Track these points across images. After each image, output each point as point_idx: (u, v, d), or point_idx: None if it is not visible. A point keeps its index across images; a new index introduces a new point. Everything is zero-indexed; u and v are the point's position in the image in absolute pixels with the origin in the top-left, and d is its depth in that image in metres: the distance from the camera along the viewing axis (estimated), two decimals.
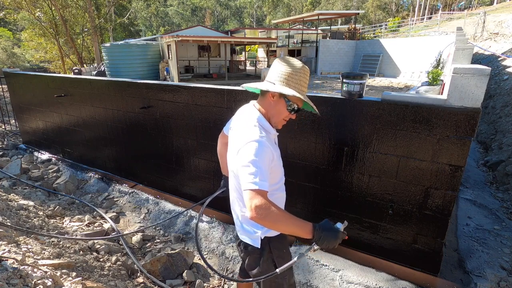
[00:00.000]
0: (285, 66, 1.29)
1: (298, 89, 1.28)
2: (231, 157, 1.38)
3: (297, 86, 1.28)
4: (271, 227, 1.17)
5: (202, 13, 64.08)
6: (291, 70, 1.28)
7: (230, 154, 1.41)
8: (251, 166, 1.11)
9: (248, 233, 1.43)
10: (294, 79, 1.28)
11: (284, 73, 1.28)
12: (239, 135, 1.28)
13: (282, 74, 1.28)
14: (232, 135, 1.40)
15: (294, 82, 1.28)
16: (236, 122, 1.41)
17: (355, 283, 2.33)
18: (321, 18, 24.09)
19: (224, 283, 2.53)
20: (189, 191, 3.50)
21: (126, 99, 3.64)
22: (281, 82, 1.28)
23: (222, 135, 1.72)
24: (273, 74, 1.31)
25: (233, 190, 1.47)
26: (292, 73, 1.28)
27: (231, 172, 1.44)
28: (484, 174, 4.64)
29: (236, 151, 1.24)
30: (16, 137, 6.68)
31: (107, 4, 23.81)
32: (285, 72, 1.28)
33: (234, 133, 1.36)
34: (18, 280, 1.56)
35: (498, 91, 7.84)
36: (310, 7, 49.64)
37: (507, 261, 2.53)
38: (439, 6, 42.91)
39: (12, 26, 34.43)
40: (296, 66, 1.29)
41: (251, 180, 1.09)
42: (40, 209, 3.32)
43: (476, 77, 1.82)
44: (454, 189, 2.04)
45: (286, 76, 1.28)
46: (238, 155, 1.19)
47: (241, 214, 1.44)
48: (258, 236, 1.39)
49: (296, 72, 1.28)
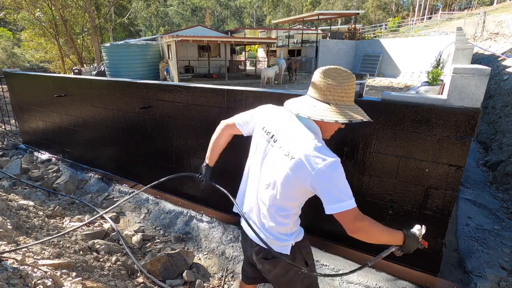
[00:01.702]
0: (337, 82, 1.17)
1: (352, 102, 1.21)
2: (272, 169, 1.27)
3: (351, 100, 1.20)
4: (371, 240, 1.18)
5: (202, 13, 64.09)
6: (345, 85, 1.17)
7: (270, 166, 1.29)
8: (340, 187, 1.11)
9: (279, 241, 1.36)
10: (349, 95, 1.18)
11: (339, 92, 1.17)
12: (301, 152, 1.15)
13: (336, 93, 1.17)
14: (277, 145, 1.27)
15: (349, 98, 1.19)
16: (285, 132, 1.26)
17: (355, 283, 2.33)
18: (321, 18, 24.09)
19: (224, 283, 2.53)
20: (189, 191, 3.50)
21: (126, 99, 3.64)
22: (337, 103, 1.17)
23: (230, 126, 1.57)
24: (324, 91, 1.18)
25: (254, 198, 1.40)
26: (346, 89, 1.18)
27: (262, 184, 1.33)
28: (484, 174, 4.64)
29: (297, 167, 1.15)
30: (16, 137, 6.68)
31: (107, 4, 23.82)
32: (340, 91, 1.17)
33: (285, 144, 1.23)
34: (18, 280, 1.56)
35: (498, 91, 7.84)
36: (310, 7, 49.64)
37: (507, 261, 2.53)
38: (439, 6, 42.92)
39: (12, 26, 34.42)
40: (347, 79, 1.18)
41: (346, 201, 1.09)
42: (40, 209, 3.32)
43: (476, 77, 1.82)
44: (454, 189, 2.04)
45: (342, 94, 1.17)
46: (317, 172, 1.10)
47: (270, 225, 1.34)
48: (290, 243, 1.37)
49: (350, 86, 1.18)
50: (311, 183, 1.14)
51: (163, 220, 3.35)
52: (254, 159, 1.42)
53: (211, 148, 1.66)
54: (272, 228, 1.35)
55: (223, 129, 1.61)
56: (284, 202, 1.28)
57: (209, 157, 1.67)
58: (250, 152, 1.48)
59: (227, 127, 1.60)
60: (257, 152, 1.39)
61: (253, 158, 1.44)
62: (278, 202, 1.29)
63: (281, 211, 1.31)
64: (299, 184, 1.19)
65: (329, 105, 1.18)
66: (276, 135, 1.29)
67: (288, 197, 1.26)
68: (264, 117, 1.41)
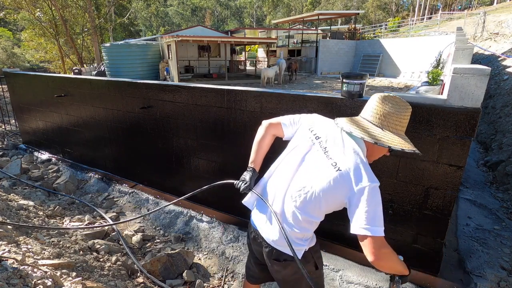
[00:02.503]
0: (394, 109, 1.21)
1: (403, 133, 1.24)
2: (312, 174, 1.26)
3: (403, 130, 1.24)
4: (388, 268, 1.23)
5: (202, 13, 64.08)
6: (401, 114, 1.21)
7: (311, 170, 1.27)
8: (377, 212, 1.11)
9: (294, 245, 1.33)
10: (403, 125, 1.22)
11: (395, 120, 1.21)
12: (349, 166, 1.17)
13: (392, 120, 1.21)
14: (324, 152, 1.26)
15: (402, 128, 1.22)
16: (334, 143, 1.26)
17: (355, 283, 2.33)
18: (321, 18, 24.08)
19: (224, 283, 2.53)
20: (189, 191, 3.48)
21: (126, 99, 3.64)
22: (390, 130, 1.21)
23: (275, 126, 1.49)
24: (380, 117, 1.21)
25: (280, 198, 1.35)
26: (401, 119, 1.21)
27: (296, 185, 1.30)
28: (484, 174, 4.64)
29: (342, 179, 1.16)
30: (16, 137, 6.68)
31: (107, 4, 23.82)
32: (395, 119, 1.21)
33: (333, 154, 1.23)
34: (18, 280, 1.56)
35: (498, 91, 7.84)
36: (310, 7, 49.63)
37: (507, 261, 2.53)
38: (439, 6, 42.93)
39: (12, 26, 34.43)
40: (404, 109, 1.22)
41: (378, 227, 1.10)
42: (40, 209, 3.32)
43: (476, 77, 1.82)
44: (454, 189, 2.04)
45: (396, 123, 1.21)
46: (359, 190, 1.12)
47: (291, 229, 1.32)
48: (304, 248, 1.37)
49: (406, 116, 1.22)
50: (350, 198, 1.15)
51: (163, 220, 3.35)
52: (290, 157, 1.37)
53: (256, 150, 1.51)
54: (292, 232, 1.33)
55: (268, 128, 1.51)
56: (315, 210, 1.27)
57: (254, 160, 1.51)
58: (286, 150, 1.43)
59: (271, 126, 1.51)
60: (297, 151, 1.35)
61: (289, 156, 1.39)
62: (309, 208, 1.27)
63: (308, 217, 1.29)
64: (338, 196, 1.20)
65: (382, 130, 1.20)
66: (324, 141, 1.29)
67: (320, 206, 1.25)
68: (313, 121, 1.41)
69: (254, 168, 1.50)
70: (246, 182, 1.45)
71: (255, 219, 1.48)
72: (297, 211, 1.29)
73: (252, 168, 1.49)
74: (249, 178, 1.46)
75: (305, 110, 2.45)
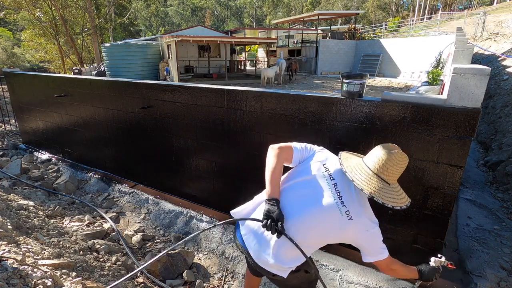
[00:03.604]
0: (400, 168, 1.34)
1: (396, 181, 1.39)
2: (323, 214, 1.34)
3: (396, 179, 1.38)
4: (398, 277, 1.60)
5: (202, 13, 64.06)
6: (402, 169, 1.36)
7: (322, 208, 1.33)
8: (381, 243, 1.38)
9: (286, 265, 1.41)
10: (398, 177, 1.37)
11: (396, 175, 1.35)
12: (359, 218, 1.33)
13: (394, 176, 1.34)
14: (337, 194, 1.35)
15: (396, 178, 1.37)
16: (346, 188, 1.36)
17: (355, 283, 2.33)
18: (321, 18, 24.08)
19: (224, 283, 2.53)
20: (189, 191, 3.50)
21: (126, 99, 3.64)
22: (390, 183, 1.35)
23: (285, 150, 1.47)
24: (389, 173, 1.33)
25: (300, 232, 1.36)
26: (400, 172, 1.35)
27: (305, 218, 1.35)
28: (484, 174, 4.63)
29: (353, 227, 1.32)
30: (16, 137, 6.68)
31: (107, 4, 23.82)
32: (398, 174, 1.35)
33: (346, 201, 1.34)
34: (18, 280, 1.56)
35: (498, 91, 7.84)
36: (310, 7, 49.62)
37: (507, 261, 2.53)
38: (439, 6, 42.92)
39: (12, 26, 34.40)
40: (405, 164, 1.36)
41: (384, 253, 1.39)
42: (40, 209, 3.32)
43: (476, 77, 1.82)
44: (454, 189, 2.04)
45: (396, 175, 1.35)
46: (369, 234, 1.34)
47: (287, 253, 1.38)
48: (295, 266, 1.44)
49: (403, 170, 1.36)
50: (358, 241, 1.37)
51: (163, 220, 3.35)
52: (303, 187, 1.40)
53: (272, 179, 1.39)
54: (287, 255, 1.38)
55: (279, 154, 1.44)
56: (317, 244, 1.42)
57: (273, 191, 1.38)
58: (295, 176, 1.47)
59: (282, 151, 1.46)
60: (311, 185, 1.39)
61: (300, 185, 1.41)
62: (312, 241, 1.39)
63: (308, 247, 1.38)
64: (343, 237, 1.37)
65: (390, 185, 1.33)
66: (338, 184, 1.37)
67: (323, 241, 1.42)
68: (326, 157, 1.48)
69: (276, 198, 1.38)
70: (274, 216, 1.31)
71: (248, 239, 1.47)
72: (301, 240, 1.34)
73: (276, 199, 1.36)
74: (278, 211, 1.32)
75: (305, 110, 2.45)
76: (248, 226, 1.49)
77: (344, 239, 1.37)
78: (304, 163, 1.48)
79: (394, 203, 1.29)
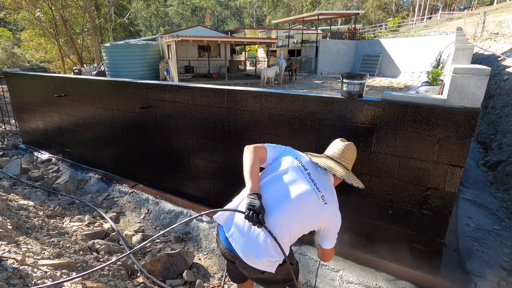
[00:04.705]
0: (354, 156, 1.70)
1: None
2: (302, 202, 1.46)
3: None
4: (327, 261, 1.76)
5: (202, 13, 64.06)
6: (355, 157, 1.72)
7: (300, 197, 1.46)
8: (337, 233, 1.56)
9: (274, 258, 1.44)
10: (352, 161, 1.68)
11: (352, 162, 1.69)
12: (331, 204, 1.50)
13: (351, 162, 1.68)
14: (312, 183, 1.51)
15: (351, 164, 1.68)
16: (318, 177, 1.55)
17: (355, 283, 2.33)
18: (321, 18, 24.07)
19: (224, 283, 2.53)
20: (189, 191, 3.50)
21: (126, 99, 3.64)
22: (349, 169, 1.65)
23: (259, 149, 1.60)
24: (346, 159, 1.64)
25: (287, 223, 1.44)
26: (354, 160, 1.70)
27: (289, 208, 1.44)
28: (484, 174, 4.63)
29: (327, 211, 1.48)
30: (16, 137, 6.68)
31: (107, 4, 23.82)
32: (354, 161, 1.71)
33: (321, 188, 1.50)
34: (18, 280, 1.56)
35: (498, 91, 7.84)
36: (310, 7, 49.60)
37: (507, 261, 2.53)
38: (439, 6, 42.93)
39: (12, 26, 34.40)
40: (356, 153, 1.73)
41: (335, 242, 1.58)
42: (40, 209, 3.31)
43: (476, 77, 1.82)
44: (454, 189, 2.04)
45: (352, 163, 1.68)
46: (337, 221, 1.53)
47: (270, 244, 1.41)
48: (282, 260, 1.47)
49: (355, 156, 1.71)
50: (328, 226, 1.52)
51: (163, 220, 3.35)
52: (280, 181, 1.51)
53: (251, 175, 1.49)
54: (272, 246, 1.41)
55: (255, 152, 1.56)
56: (299, 231, 1.49)
57: (254, 185, 1.47)
58: (271, 171, 1.58)
59: (257, 149, 1.59)
60: (288, 177, 1.51)
61: (278, 179, 1.52)
62: (295, 227, 1.46)
63: (292, 236, 1.47)
64: (319, 222, 1.50)
65: (349, 171, 1.64)
66: (312, 174, 1.54)
67: (305, 228, 1.50)
68: (298, 153, 1.66)
69: (258, 192, 1.44)
70: (255, 208, 1.37)
71: (236, 238, 1.48)
72: (286, 229, 1.43)
73: (257, 194, 1.43)
74: (259, 204, 1.38)
75: (305, 110, 2.45)
76: (235, 224, 1.51)
77: (319, 224, 1.51)
78: (277, 159, 1.63)
79: (358, 184, 1.57)
